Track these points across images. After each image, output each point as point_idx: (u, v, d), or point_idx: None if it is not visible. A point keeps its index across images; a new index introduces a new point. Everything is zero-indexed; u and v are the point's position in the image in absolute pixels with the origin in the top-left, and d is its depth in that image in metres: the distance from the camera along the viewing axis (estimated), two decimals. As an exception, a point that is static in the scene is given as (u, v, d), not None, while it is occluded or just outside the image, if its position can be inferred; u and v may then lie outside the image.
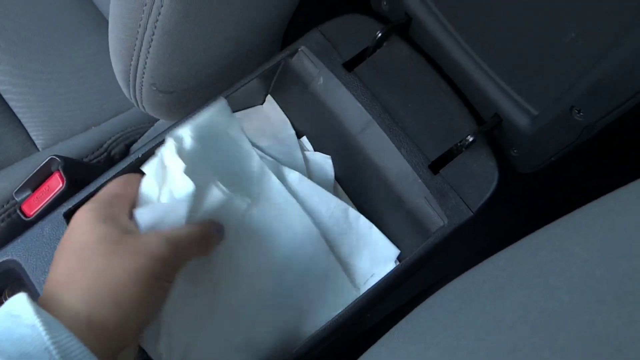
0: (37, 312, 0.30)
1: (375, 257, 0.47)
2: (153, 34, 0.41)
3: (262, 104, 0.54)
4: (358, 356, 0.52)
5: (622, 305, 0.16)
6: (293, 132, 0.52)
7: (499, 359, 0.18)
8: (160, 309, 0.37)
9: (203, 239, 0.39)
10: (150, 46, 0.42)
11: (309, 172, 0.50)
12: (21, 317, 0.30)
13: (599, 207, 0.23)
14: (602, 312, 0.17)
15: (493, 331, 0.21)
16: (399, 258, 0.47)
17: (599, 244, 0.20)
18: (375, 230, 0.48)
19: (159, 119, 0.66)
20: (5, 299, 0.47)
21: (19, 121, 0.66)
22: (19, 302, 0.32)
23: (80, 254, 0.35)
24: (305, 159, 0.51)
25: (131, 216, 0.38)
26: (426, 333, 0.26)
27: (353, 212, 0.48)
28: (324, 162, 0.51)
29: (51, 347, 0.29)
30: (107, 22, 0.73)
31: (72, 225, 0.37)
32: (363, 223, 0.48)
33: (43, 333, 0.29)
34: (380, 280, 0.44)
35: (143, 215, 0.38)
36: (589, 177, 0.56)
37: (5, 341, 0.30)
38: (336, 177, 0.51)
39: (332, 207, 0.48)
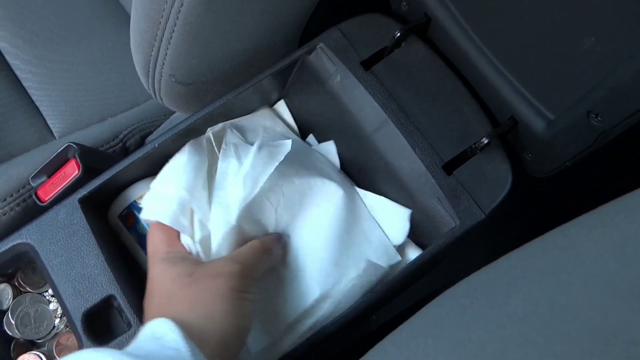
0: (184, 338, 0.33)
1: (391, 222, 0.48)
2: (175, 25, 0.42)
3: (277, 100, 0.54)
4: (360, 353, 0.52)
5: (637, 299, 0.16)
6: (297, 137, 0.53)
7: (511, 352, 0.19)
8: (250, 319, 0.40)
9: (266, 251, 0.43)
10: (171, 37, 0.43)
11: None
12: (164, 339, 0.34)
13: (614, 207, 0.23)
14: (615, 306, 0.17)
15: (504, 325, 0.21)
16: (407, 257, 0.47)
17: (615, 240, 0.20)
18: (382, 199, 0.49)
19: (174, 112, 0.66)
20: (18, 282, 0.48)
21: (38, 109, 0.67)
22: (163, 325, 0.35)
23: (167, 296, 0.39)
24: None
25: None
26: (435, 327, 0.27)
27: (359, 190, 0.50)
28: (327, 150, 0.52)
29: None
30: (126, 16, 0.74)
31: (151, 280, 0.41)
32: (371, 197, 0.49)
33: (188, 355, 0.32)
34: (389, 280, 0.44)
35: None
36: (602, 184, 0.56)
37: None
38: (349, 174, 0.52)
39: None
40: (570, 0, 0.36)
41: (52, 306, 0.49)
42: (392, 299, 0.47)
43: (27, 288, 0.49)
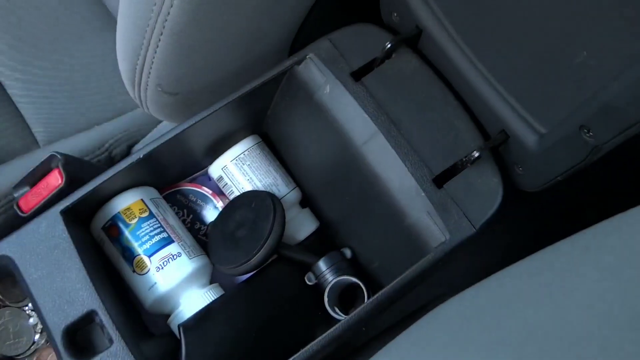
0: None
1: None
2: (161, 34, 0.41)
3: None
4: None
5: (637, 331, 0.16)
6: None
7: (504, 379, 0.18)
8: None
9: None
10: (157, 46, 0.42)
11: None
12: None
13: (608, 227, 0.23)
14: (614, 338, 0.16)
15: (497, 351, 0.20)
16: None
17: (611, 263, 0.19)
18: None
19: (162, 121, 0.65)
20: (-2, 296, 0.47)
21: (22, 116, 0.66)
22: None
23: None
24: None
25: None
26: (424, 349, 0.26)
27: None
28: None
29: None
30: (114, 22, 0.73)
31: None
32: None
33: None
34: (378, 294, 0.43)
35: None
36: (595, 199, 0.55)
37: None
38: (339, 187, 0.51)
39: None
40: (563, 15, 0.36)
41: (32, 321, 0.47)
42: (381, 314, 0.46)
43: (7, 302, 0.48)
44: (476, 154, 0.44)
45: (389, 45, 0.47)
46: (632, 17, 0.32)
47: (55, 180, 0.48)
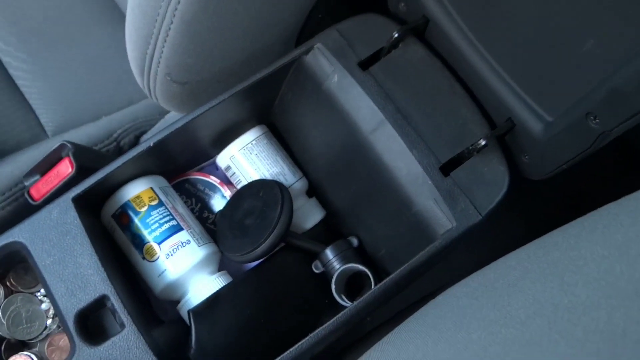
0: None
1: None
2: (171, 23, 0.41)
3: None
4: (355, 355, 0.51)
5: (644, 299, 0.16)
6: None
7: (514, 352, 0.18)
8: None
9: None
10: (167, 35, 0.42)
11: None
12: None
13: (616, 208, 0.23)
14: (621, 306, 0.16)
15: (506, 325, 0.20)
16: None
17: (618, 240, 0.19)
18: None
19: (169, 111, 0.66)
20: (10, 282, 0.48)
21: (31, 107, 0.66)
22: None
23: None
24: None
25: None
26: (434, 328, 0.26)
27: None
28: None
29: None
30: (122, 15, 0.73)
31: None
32: None
33: None
34: (385, 281, 0.44)
35: None
36: (600, 187, 0.56)
37: None
38: (346, 176, 0.51)
39: None
40: (570, 2, 0.36)
41: (44, 306, 0.48)
42: (387, 301, 0.46)
43: (19, 288, 0.48)
44: (483, 143, 0.45)
45: (396, 35, 0.48)
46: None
47: (65, 168, 0.49)
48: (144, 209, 0.48)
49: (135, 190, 0.49)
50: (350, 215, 0.54)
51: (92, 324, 0.44)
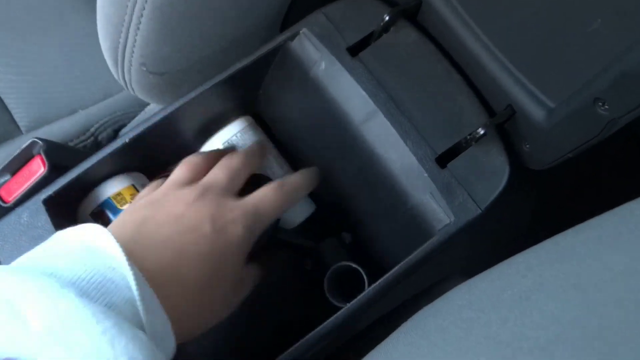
0: (131, 265, 0.29)
1: None
2: (143, 9, 0.38)
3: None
4: (350, 357, 0.49)
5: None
6: None
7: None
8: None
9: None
10: (140, 22, 0.39)
11: None
12: (103, 250, 0.29)
13: (638, 209, 0.21)
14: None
15: (521, 350, 0.18)
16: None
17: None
18: None
19: (149, 103, 0.63)
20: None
21: (3, 102, 0.63)
22: (102, 236, 0.30)
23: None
24: None
25: None
26: (436, 345, 0.24)
27: None
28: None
29: (138, 303, 0.28)
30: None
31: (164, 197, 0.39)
32: None
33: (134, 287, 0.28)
34: (380, 281, 0.41)
35: None
36: (605, 173, 0.53)
37: (88, 282, 0.28)
38: (337, 169, 0.49)
39: None
40: (575, -22, 0.33)
41: (17, 316, 0.45)
42: (382, 299, 0.44)
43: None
44: (481, 132, 0.42)
45: (387, 18, 0.45)
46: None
47: (37, 167, 0.46)
48: (126, 206, 0.46)
49: (116, 187, 0.46)
50: (343, 209, 0.51)
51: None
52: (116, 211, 0.45)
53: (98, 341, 0.25)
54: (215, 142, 0.50)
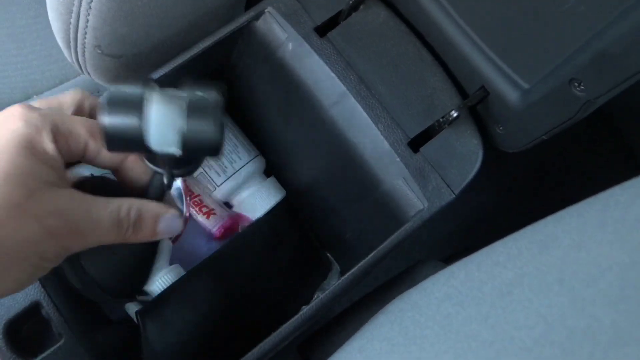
0: None
1: None
2: (95, -14, 0.35)
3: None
4: (324, 345, 0.48)
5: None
6: None
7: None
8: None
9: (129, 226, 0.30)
10: (91, 0, 0.36)
11: None
12: None
13: (624, 195, 0.20)
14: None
15: (506, 351, 0.17)
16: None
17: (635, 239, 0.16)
18: None
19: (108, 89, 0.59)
20: None
21: (-51, 88, 0.59)
22: None
23: None
24: None
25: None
26: (414, 342, 0.22)
27: None
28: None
29: None
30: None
31: None
32: None
33: None
34: (353, 270, 0.40)
35: None
36: (578, 156, 0.53)
37: None
38: (306, 153, 0.47)
39: None
40: (551, -47, 0.32)
41: (-31, 316, 0.43)
42: (356, 285, 0.43)
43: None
44: (454, 114, 0.41)
45: (355, -4, 0.43)
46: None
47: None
48: None
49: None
50: (313, 194, 0.50)
51: (25, 334, 0.39)
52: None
53: None
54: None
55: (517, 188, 0.60)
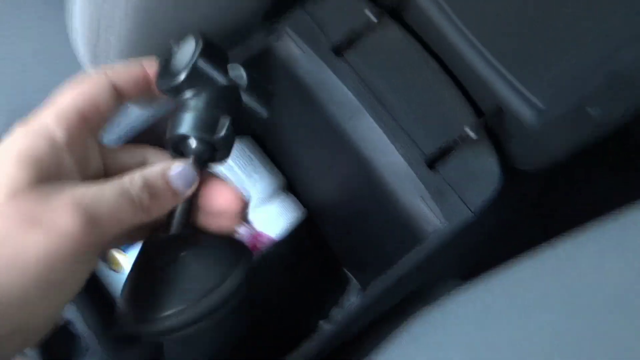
0: None
1: None
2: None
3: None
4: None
5: None
6: None
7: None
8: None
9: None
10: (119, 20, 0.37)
11: None
12: None
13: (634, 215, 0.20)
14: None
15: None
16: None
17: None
18: None
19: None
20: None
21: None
22: None
23: None
24: None
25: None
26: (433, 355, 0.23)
27: None
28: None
29: None
30: None
31: None
32: None
33: None
34: (373, 285, 0.41)
35: None
36: (600, 176, 0.53)
37: None
38: (324, 170, 0.48)
39: None
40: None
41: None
42: (376, 304, 0.43)
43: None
44: (470, 132, 0.41)
45: (371, 16, 0.44)
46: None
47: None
48: None
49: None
50: (330, 212, 0.50)
51: (55, 348, 0.40)
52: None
53: None
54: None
55: (535, 206, 0.60)
